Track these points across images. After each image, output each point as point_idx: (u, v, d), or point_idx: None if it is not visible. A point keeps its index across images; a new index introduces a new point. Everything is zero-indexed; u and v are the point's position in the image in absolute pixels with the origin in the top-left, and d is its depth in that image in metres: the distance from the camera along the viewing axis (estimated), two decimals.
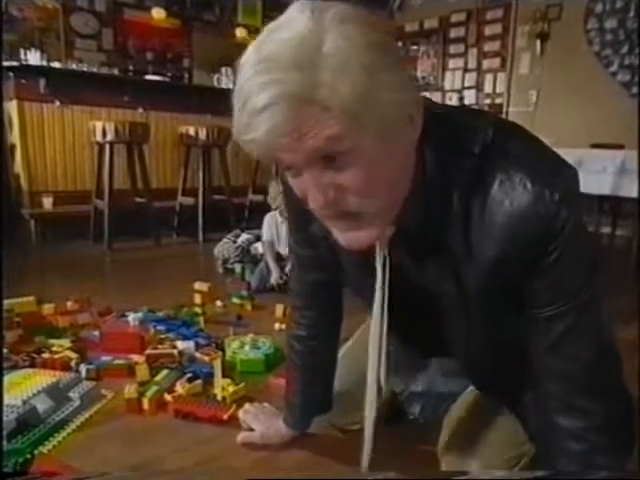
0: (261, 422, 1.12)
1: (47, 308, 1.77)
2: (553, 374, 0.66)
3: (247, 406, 1.18)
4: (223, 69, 4.27)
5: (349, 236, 0.60)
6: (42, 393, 1.17)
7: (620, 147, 2.66)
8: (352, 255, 0.75)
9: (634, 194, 2.32)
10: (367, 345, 1.04)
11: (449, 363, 0.94)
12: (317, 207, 0.56)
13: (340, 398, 1.10)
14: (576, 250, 0.60)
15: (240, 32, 4.71)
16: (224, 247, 2.91)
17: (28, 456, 0.99)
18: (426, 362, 1.02)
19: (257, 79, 0.49)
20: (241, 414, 1.16)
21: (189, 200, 3.63)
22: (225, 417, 1.17)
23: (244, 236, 3.02)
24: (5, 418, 1.07)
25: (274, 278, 2.36)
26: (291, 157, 0.53)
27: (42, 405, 1.15)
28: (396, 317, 0.74)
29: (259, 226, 3.46)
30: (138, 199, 3.32)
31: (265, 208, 4.01)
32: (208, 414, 1.18)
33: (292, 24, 0.50)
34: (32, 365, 1.39)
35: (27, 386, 1.19)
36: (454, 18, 4.95)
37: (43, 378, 1.24)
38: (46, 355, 1.45)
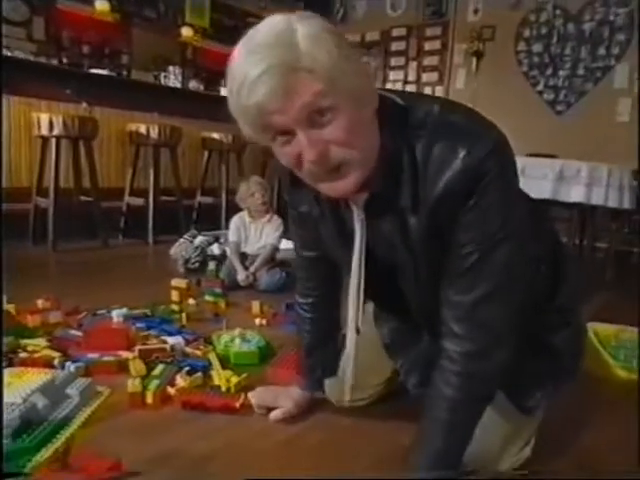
0: (285, 397, 1.16)
1: (9, 308, 1.64)
2: (447, 302, 0.79)
3: (259, 389, 1.20)
4: (171, 67, 4.16)
5: (334, 185, 0.74)
6: (38, 391, 1.10)
7: (554, 157, 2.96)
8: (329, 226, 0.91)
9: (570, 199, 2.60)
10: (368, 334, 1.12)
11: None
12: (311, 161, 0.69)
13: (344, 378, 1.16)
14: (495, 197, 0.73)
15: (186, 31, 4.61)
16: (182, 247, 2.85)
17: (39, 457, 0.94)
18: (420, 335, 1.10)
19: (251, 59, 0.65)
20: (256, 399, 1.17)
21: (137, 201, 3.48)
22: (237, 405, 1.17)
23: (200, 238, 2.97)
24: (7, 416, 1.00)
25: (240, 278, 2.35)
26: (284, 119, 0.66)
27: (40, 403, 1.08)
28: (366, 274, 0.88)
29: (210, 228, 3.43)
30: (84, 198, 3.14)
31: (213, 210, 4.00)
32: (219, 404, 1.17)
33: (268, 25, 0.67)
34: (10, 366, 1.30)
35: (20, 385, 1.11)
36: (395, 32, 5.20)
37: (35, 376, 1.16)
38: (24, 355, 1.36)
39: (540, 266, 0.91)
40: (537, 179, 2.59)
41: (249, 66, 0.64)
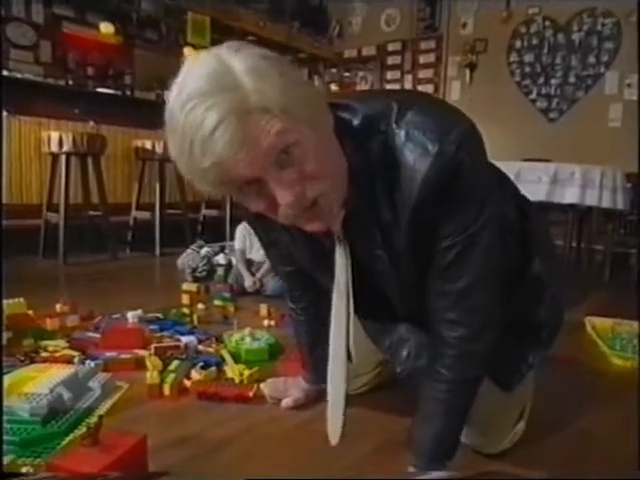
0: (295, 387, 1.22)
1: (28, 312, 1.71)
2: (438, 293, 0.80)
3: (271, 380, 1.26)
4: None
5: (315, 222, 0.70)
6: (62, 384, 1.17)
7: (548, 161, 3.05)
8: (301, 250, 0.90)
9: (564, 201, 2.68)
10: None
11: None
12: (288, 205, 0.63)
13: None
14: (470, 187, 0.71)
15: (188, 51, 4.76)
16: (189, 257, 2.93)
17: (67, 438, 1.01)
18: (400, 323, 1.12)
19: (195, 112, 0.57)
20: (268, 389, 1.24)
21: (144, 214, 3.57)
22: (251, 395, 1.23)
23: (207, 248, 3.06)
24: (36, 405, 1.07)
25: (248, 284, 2.43)
26: (250, 169, 0.60)
27: (66, 394, 1.15)
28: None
29: (215, 240, 3.51)
30: (93, 212, 3.23)
31: (217, 223, 4.08)
32: (234, 393, 1.24)
33: (199, 67, 0.60)
34: (32, 363, 1.36)
35: (45, 378, 1.18)
36: (390, 47, 5.36)
37: (59, 371, 1.23)
38: (45, 354, 1.43)
39: (506, 236, 0.89)
40: (532, 183, 2.67)
41: (196, 120, 0.57)
